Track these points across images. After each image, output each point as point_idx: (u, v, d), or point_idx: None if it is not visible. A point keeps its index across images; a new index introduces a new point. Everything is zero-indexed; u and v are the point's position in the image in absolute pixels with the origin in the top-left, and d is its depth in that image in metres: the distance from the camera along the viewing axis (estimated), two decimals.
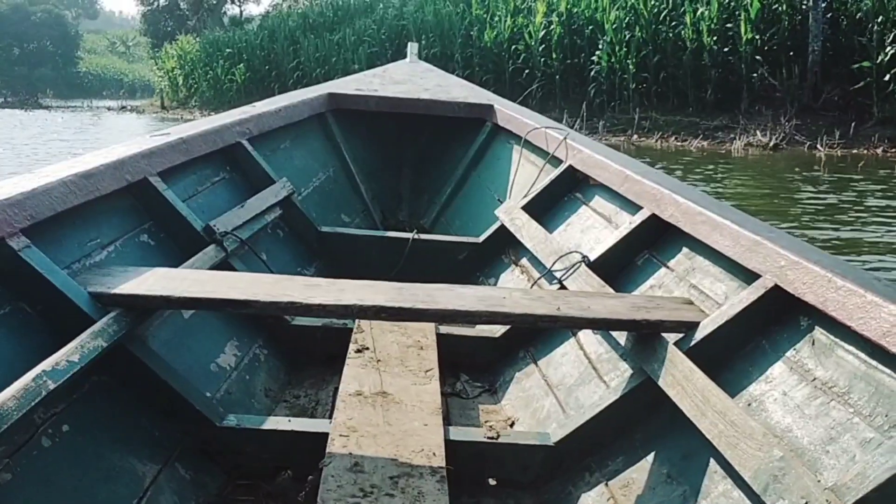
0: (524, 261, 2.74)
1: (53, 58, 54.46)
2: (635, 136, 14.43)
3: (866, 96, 13.36)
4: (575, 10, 16.97)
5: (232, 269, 2.22)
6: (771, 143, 12.40)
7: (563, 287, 2.21)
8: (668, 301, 1.81)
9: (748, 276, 1.68)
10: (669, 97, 15.60)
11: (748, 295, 1.61)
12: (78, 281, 1.64)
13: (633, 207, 2.25)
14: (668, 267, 2.04)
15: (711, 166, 10.63)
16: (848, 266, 1.49)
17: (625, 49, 15.47)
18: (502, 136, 3.56)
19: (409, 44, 5.29)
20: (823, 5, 13.78)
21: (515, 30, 17.62)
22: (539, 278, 2.45)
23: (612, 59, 15.64)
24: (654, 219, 2.11)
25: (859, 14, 13.84)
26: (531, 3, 18.23)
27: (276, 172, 2.84)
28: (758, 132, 13.07)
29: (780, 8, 14.65)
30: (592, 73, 15.96)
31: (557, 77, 16.83)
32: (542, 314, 1.68)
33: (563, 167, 2.78)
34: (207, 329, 2.09)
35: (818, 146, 12.19)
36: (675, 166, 10.42)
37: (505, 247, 2.90)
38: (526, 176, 3.04)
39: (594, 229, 2.46)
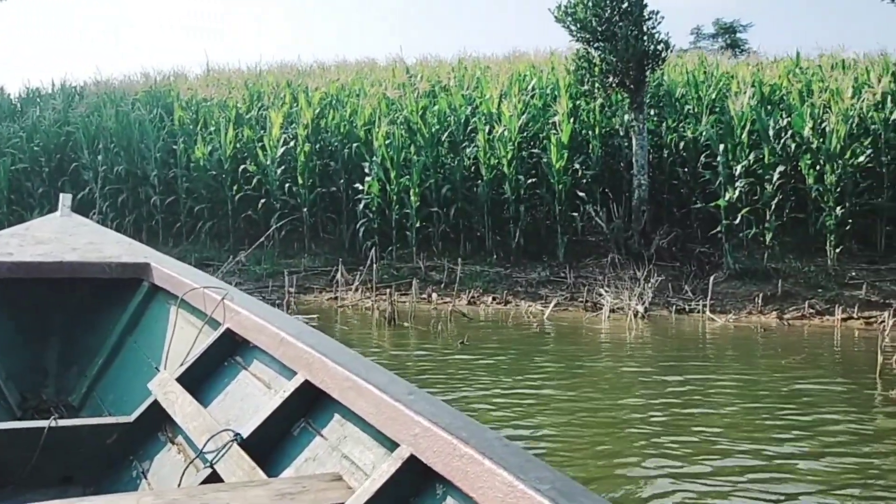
0: (180, 439, 2.47)
1: None
2: (435, 296, 9.98)
3: (713, 243, 10.60)
4: (322, 122, 12.52)
5: None
6: (640, 310, 8.70)
7: (213, 471, 2.02)
8: (317, 481, 1.75)
9: (392, 445, 1.66)
10: (460, 240, 11.58)
11: (388, 467, 1.59)
12: None
13: (290, 373, 2.16)
14: (322, 436, 1.98)
15: (604, 348, 6.44)
16: (477, 428, 1.47)
17: (405, 176, 11.23)
18: (160, 296, 3.23)
19: (62, 195, 4.62)
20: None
21: (241, 145, 12.59)
22: (193, 459, 2.21)
23: (389, 188, 11.28)
24: (307, 385, 2.05)
25: (682, 142, 11.31)
26: (262, 111, 13.41)
27: None
28: (603, 292, 9.42)
29: (586, 133, 11.64)
30: (362, 204, 11.37)
31: (305, 210, 12.00)
32: None
33: (221, 330, 2.61)
34: None
35: (715, 315, 8.71)
36: (535, 348, 6.04)
37: (161, 423, 2.54)
38: (184, 341, 2.79)
39: (253, 397, 2.32)
